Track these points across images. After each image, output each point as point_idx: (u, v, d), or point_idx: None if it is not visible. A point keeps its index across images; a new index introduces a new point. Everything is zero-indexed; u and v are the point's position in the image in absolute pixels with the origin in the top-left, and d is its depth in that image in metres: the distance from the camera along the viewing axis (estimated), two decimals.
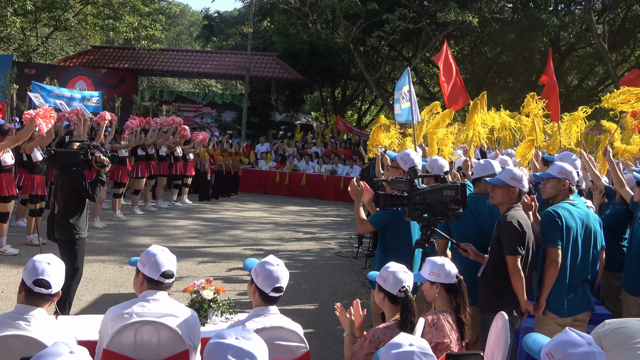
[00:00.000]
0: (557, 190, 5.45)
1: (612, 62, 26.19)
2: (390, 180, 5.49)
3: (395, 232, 5.83)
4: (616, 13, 30.38)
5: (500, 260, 5.11)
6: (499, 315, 4.20)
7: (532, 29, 25.60)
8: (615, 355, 3.11)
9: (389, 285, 4.10)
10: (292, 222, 17.25)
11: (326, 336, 7.60)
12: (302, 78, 30.58)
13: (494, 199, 5.33)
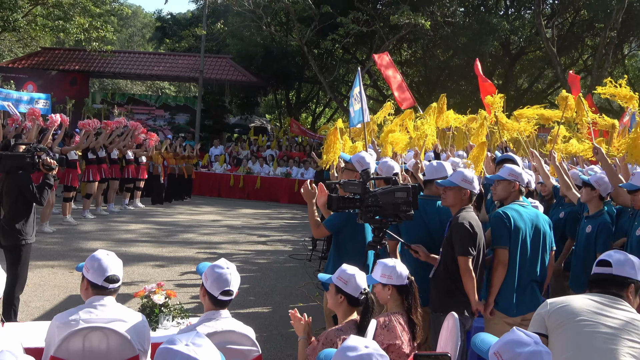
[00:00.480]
0: (507, 192, 5.52)
1: (560, 66, 26.73)
2: (343, 183, 5.48)
3: (349, 235, 5.83)
4: (565, 18, 31.04)
5: (452, 261, 5.15)
6: (449, 315, 4.24)
7: (483, 33, 25.97)
8: (560, 334, 3.15)
9: (350, 287, 4.09)
10: (246, 225, 17.17)
11: (280, 339, 7.57)
12: (256, 80, 30.50)
13: (446, 201, 5.37)
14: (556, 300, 3.33)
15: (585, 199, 6.48)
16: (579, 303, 3.23)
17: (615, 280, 3.31)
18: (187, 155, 21.82)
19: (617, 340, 3.06)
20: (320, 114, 41.70)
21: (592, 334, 3.08)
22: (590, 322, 3.11)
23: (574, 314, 3.17)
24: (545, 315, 3.25)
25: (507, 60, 31.30)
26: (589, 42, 31.47)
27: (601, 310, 3.17)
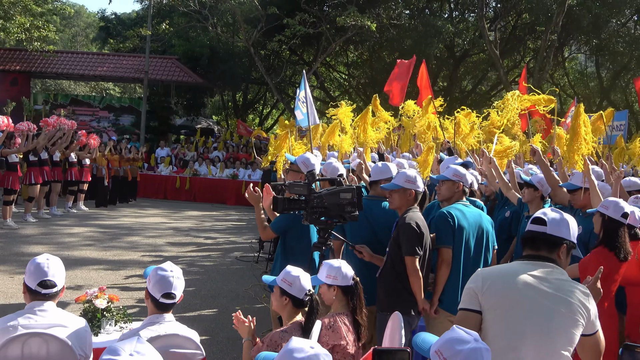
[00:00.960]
0: (451, 192, 5.61)
1: (503, 68, 27.23)
2: (288, 184, 5.49)
3: (295, 236, 5.85)
4: (507, 21, 31.62)
5: (399, 260, 5.21)
6: (393, 315, 4.28)
7: (429, 35, 26.25)
8: (495, 318, 3.12)
9: (295, 289, 4.09)
10: (192, 227, 17.02)
11: (226, 342, 7.53)
12: (202, 82, 30.26)
13: (393, 203, 5.42)
14: (488, 275, 3.26)
15: (528, 199, 6.60)
16: (512, 280, 3.15)
17: (548, 240, 3.25)
18: (132, 157, 21.51)
19: (553, 322, 3.06)
20: (267, 115, 41.62)
21: (527, 319, 3.06)
22: (526, 305, 3.07)
23: (508, 296, 3.11)
24: (479, 292, 3.17)
25: (452, 62, 31.73)
26: (531, 45, 32.12)
27: (538, 285, 3.11)
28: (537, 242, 3.26)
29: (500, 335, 3.07)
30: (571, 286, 3.14)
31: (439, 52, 28.49)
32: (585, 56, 35.52)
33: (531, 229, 3.28)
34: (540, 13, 25.81)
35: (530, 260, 3.22)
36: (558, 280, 3.14)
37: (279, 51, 30.88)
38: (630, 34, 30.20)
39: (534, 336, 3.04)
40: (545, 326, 3.05)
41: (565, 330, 3.07)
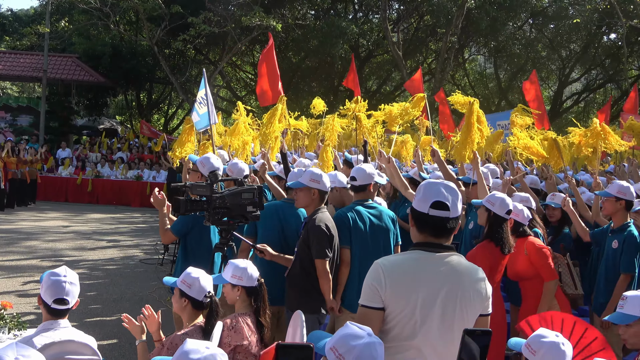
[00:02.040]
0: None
1: (406, 69, 27.81)
2: (190, 185, 5.43)
3: (195, 237, 5.81)
4: (410, 23, 32.35)
5: (308, 261, 5.26)
6: (295, 313, 4.30)
7: (333, 36, 26.51)
8: (397, 316, 3.08)
9: (194, 291, 4.06)
10: (95, 230, 16.58)
11: (129, 347, 7.37)
12: (104, 81, 29.51)
13: (298, 202, 5.46)
14: (387, 267, 3.10)
15: None
16: (413, 270, 3.08)
17: (451, 227, 3.12)
18: (30, 159, 20.76)
19: (455, 310, 3.06)
20: (173, 115, 40.97)
21: (429, 308, 3.04)
22: (428, 295, 3.04)
23: (410, 287, 3.05)
24: (380, 286, 3.06)
25: (357, 62, 32.14)
26: (433, 47, 32.96)
27: (438, 273, 3.06)
28: (438, 228, 3.11)
29: (403, 326, 3.06)
30: (470, 270, 3.15)
31: (344, 52, 28.81)
32: (484, 58, 36.71)
33: (435, 215, 3.08)
34: (440, 15, 26.55)
35: (430, 247, 3.12)
36: (458, 265, 3.12)
37: (184, 50, 30.48)
38: (526, 36, 31.46)
39: (437, 325, 3.05)
40: (448, 315, 3.05)
41: (465, 316, 3.10)
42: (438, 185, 3.10)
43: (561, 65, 33.39)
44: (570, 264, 6.14)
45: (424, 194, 3.09)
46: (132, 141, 28.55)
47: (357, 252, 5.43)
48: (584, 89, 36.01)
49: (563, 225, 7.32)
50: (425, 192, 3.09)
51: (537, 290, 5.54)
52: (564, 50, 32.84)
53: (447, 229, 3.11)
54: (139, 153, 26.63)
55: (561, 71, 33.67)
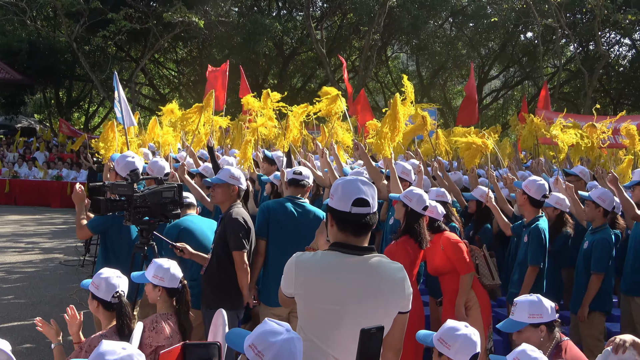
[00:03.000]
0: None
1: (330, 66, 27.99)
2: (111, 185, 5.35)
3: (115, 237, 5.73)
4: (333, 20, 32.55)
5: (225, 256, 5.26)
6: (218, 312, 4.30)
7: (257, 33, 26.42)
8: (307, 313, 3.08)
9: (102, 292, 4.02)
10: (12, 232, 16.05)
11: (49, 351, 7.16)
12: (21, 78, 28.52)
13: (215, 198, 5.48)
14: (302, 262, 3.07)
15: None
16: (327, 270, 3.01)
17: (372, 223, 3.06)
18: None
19: (370, 309, 3.01)
20: (94, 113, 40.05)
21: (343, 307, 2.98)
22: (342, 295, 2.98)
23: (321, 286, 3.00)
24: (292, 277, 3.05)
25: (281, 60, 32.18)
26: (356, 44, 33.28)
27: (354, 272, 3.00)
28: (360, 226, 3.03)
29: (313, 325, 3.04)
30: (390, 270, 3.08)
31: (268, 50, 28.79)
32: (406, 55, 37.30)
33: (357, 212, 3.01)
34: (363, 13, 26.82)
35: (348, 249, 3.05)
36: (377, 266, 3.05)
37: (104, 47, 29.82)
38: (447, 35, 32.15)
39: (349, 328, 2.98)
40: (362, 317, 2.97)
41: (381, 318, 3.03)
42: (356, 182, 3.05)
43: (480, 63, 34.23)
44: (487, 255, 6.30)
45: (343, 192, 3.02)
46: (51, 141, 27.74)
47: (276, 247, 5.48)
48: (502, 86, 37.05)
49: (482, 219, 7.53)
50: (345, 191, 3.02)
51: (455, 283, 5.68)
52: (483, 48, 33.72)
53: (368, 226, 3.06)
54: (58, 152, 25.92)
55: (480, 69, 34.52)
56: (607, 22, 28.26)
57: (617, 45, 34.70)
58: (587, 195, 6.41)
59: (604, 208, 6.23)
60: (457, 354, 3.37)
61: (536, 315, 3.85)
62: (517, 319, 3.89)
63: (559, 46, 29.16)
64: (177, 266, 4.46)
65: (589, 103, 28.18)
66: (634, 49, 33.62)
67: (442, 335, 3.44)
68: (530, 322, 3.85)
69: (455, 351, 3.38)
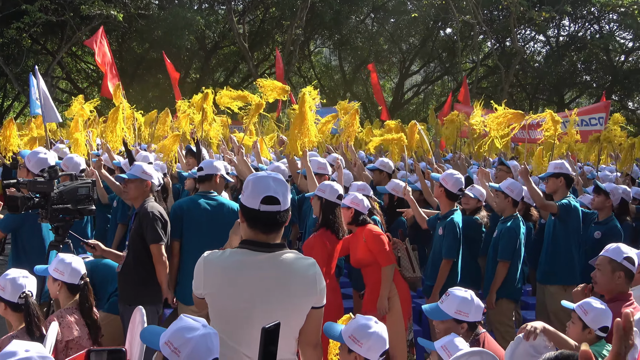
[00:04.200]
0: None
1: (253, 61, 27.90)
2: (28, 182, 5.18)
3: (27, 235, 5.60)
4: (255, 14, 32.42)
5: (143, 251, 5.23)
6: (136, 310, 4.24)
7: (179, 27, 26.04)
8: (216, 314, 3.06)
9: (7, 293, 3.92)
10: None
11: None
12: None
13: (129, 193, 5.44)
14: (210, 261, 3.05)
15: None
16: (235, 268, 3.00)
17: (282, 220, 3.05)
18: None
19: (282, 307, 3.00)
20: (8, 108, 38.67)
21: (255, 305, 2.97)
22: (254, 293, 2.97)
23: (228, 293, 2.99)
24: (200, 284, 3.04)
25: (203, 54, 31.85)
26: (279, 39, 33.23)
27: (265, 270, 2.99)
28: (270, 223, 3.02)
29: (223, 325, 2.98)
30: (302, 267, 3.07)
31: (190, 43, 28.43)
32: (329, 50, 37.49)
33: (266, 210, 2.98)
34: (285, 8, 26.86)
35: (257, 247, 3.03)
36: (288, 264, 3.04)
37: (19, 39, 28.80)
38: (368, 30, 32.53)
39: (258, 326, 2.81)
40: (271, 315, 2.87)
41: (292, 315, 3.04)
42: (267, 179, 3.01)
43: (402, 58, 34.75)
44: (409, 248, 6.40)
45: (253, 189, 2.98)
46: None
47: (192, 243, 5.46)
48: (423, 81, 37.69)
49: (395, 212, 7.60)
50: (254, 188, 2.99)
51: (377, 276, 5.75)
52: (404, 44, 34.24)
53: (278, 223, 3.03)
54: None
55: (402, 64, 35.06)
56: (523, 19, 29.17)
57: (532, 42, 35.91)
58: (497, 186, 6.61)
59: (513, 198, 6.42)
60: (369, 351, 3.40)
61: (463, 313, 3.93)
62: (444, 310, 3.95)
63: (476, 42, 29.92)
64: (82, 263, 4.41)
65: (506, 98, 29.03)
66: (548, 45, 34.83)
67: (354, 332, 3.45)
68: (455, 318, 3.93)
69: (367, 349, 3.40)
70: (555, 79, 32.62)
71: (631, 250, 4.21)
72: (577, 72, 33.64)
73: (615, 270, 4.10)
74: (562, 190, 6.48)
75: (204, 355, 2.47)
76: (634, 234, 7.33)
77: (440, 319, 3.97)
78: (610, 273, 4.11)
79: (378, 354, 3.41)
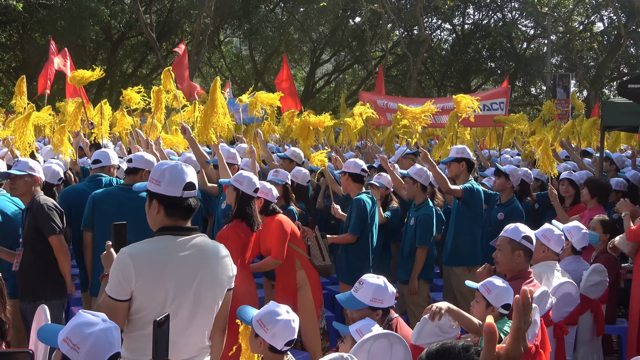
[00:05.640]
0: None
1: (161, 51, 27.39)
2: None
3: None
4: (163, 4, 31.83)
5: (41, 245, 5.16)
6: (39, 309, 4.13)
7: (83, 17, 25.30)
8: (142, 312, 3.02)
9: None
10: None
11: None
12: None
13: (17, 190, 5.40)
14: (137, 259, 2.97)
15: None
16: (161, 255, 3.02)
17: (195, 205, 3.13)
18: None
19: (205, 288, 3.07)
20: None
21: (181, 291, 3.00)
22: (178, 278, 3.00)
23: (159, 272, 2.98)
24: (130, 281, 2.93)
25: (109, 45, 31.06)
26: (188, 29, 32.74)
27: (185, 255, 3.04)
28: (189, 209, 3.09)
29: (156, 316, 2.93)
30: (216, 249, 3.17)
31: (95, 34, 27.66)
32: (239, 40, 37.21)
33: (187, 196, 3.06)
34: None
35: (178, 231, 3.09)
36: (205, 246, 3.12)
37: None
38: (278, 19, 32.42)
39: (189, 311, 3.03)
40: (202, 298, 3.05)
41: (216, 297, 3.13)
42: (180, 166, 3.08)
43: (312, 47, 34.87)
44: (319, 236, 6.45)
45: (172, 177, 3.02)
46: None
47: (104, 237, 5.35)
48: (334, 69, 37.95)
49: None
50: (172, 177, 3.03)
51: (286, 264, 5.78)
52: (314, 33, 34.36)
53: (194, 208, 3.12)
54: None
55: (313, 53, 35.17)
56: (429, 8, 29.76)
57: (439, 30, 36.67)
58: (406, 172, 6.75)
59: (421, 183, 6.57)
60: (274, 338, 3.42)
61: (378, 300, 3.98)
62: (360, 298, 3.99)
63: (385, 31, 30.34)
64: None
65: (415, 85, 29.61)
66: (454, 33, 35.68)
67: (262, 317, 3.47)
68: (370, 305, 3.98)
69: (272, 335, 3.43)
70: (461, 66, 33.52)
71: (529, 229, 4.39)
72: (482, 59, 34.64)
73: (515, 250, 4.27)
74: (464, 174, 6.64)
75: (105, 350, 2.40)
76: (535, 214, 7.59)
77: (357, 308, 4.00)
78: (510, 252, 4.28)
79: (283, 342, 3.42)
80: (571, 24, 31.53)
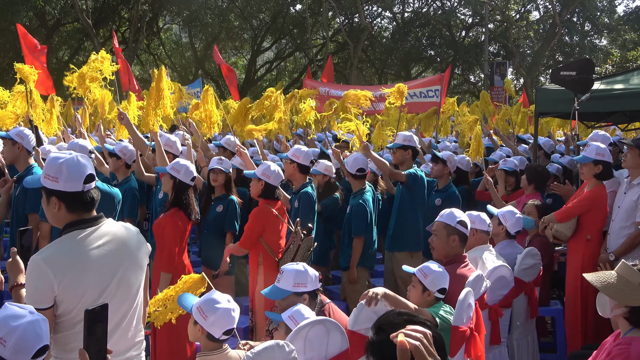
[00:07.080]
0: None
1: (98, 38, 26.82)
2: None
3: None
4: None
5: None
6: None
7: (15, 3, 24.61)
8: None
9: None
10: None
11: None
12: None
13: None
14: (54, 263, 2.86)
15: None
16: (79, 252, 2.93)
17: (97, 197, 3.05)
18: None
19: (130, 286, 3.06)
20: None
21: (108, 295, 2.94)
22: (102, 271, 2.94)
23: (84, 279, 2.90)
24: (52, 287, 2.84)
25: (44, 32, 30.25)
26: (125, 15, 32.14)
27: (106, 246, 2.98)
28: (91, 201, 2.99)
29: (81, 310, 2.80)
30: (129, 231, 3.13)
31: (29, 20, 26.86)
32: (179, 27, 36.71)
33: (88, 189, 2.97)
34: None
35: (86, 223, 2.98)
36: (118, 231, 3.07)
37: None
38: (219, 6, 32.07)
39: (117, 299, 2.97)
40: (125, 285, 3.02)
41: (139, 278, 3.12)
42: (76, 158, 2.93)
43: (253, 34, 34.63)
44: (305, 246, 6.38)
45: (71, 172, 2.89)
46: None
47: None
48: (275, 57, 37.79)
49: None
50: (70, 171, 2.89)
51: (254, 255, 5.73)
52: (255, 20, 34.11)
53: (96, 200, 3.02)
54: None
55: (254, 40, 34.94)
56: None
57: (380, 18, 36.85)
58: (344, 161, 6.79)
59: None
60: (212, 326, 3.40)
61: (301, 285, 3.97)
62: (282, 287, 3.97)
63: (326, 18, 30.33)
64: None
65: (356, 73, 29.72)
66: (395, 21, 35.91)
67: (202, 304, 3.44)
68: (295, 291, 3.97)
69: (210, 323, 3.40)
70: (402, 54, 33.73)
71: (464, 214, 4.45)
72: (422, 47, 34.93)
73: (450, 235, 4.33)
74: (409, 161, 6.68)
75: (33, 343, 2.33)
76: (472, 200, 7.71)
77: (282, 296, 3.99)
78: (446, 237, 4.34)
79: (222, 330, 3.40)
80: (508, 13, 32.01)
